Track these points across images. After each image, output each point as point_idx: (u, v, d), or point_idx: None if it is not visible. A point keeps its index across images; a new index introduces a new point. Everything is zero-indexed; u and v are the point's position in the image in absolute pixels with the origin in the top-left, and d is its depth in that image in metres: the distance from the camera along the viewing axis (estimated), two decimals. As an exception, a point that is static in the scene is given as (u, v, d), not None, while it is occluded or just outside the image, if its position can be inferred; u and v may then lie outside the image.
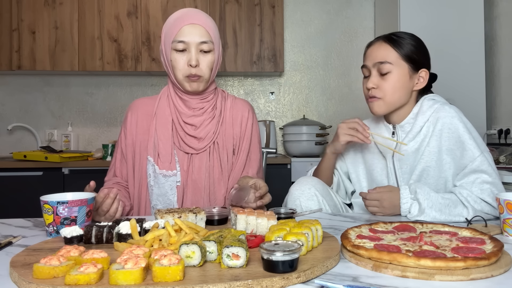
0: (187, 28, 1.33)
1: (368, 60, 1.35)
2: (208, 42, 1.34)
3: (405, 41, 1.33)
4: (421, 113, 1.33)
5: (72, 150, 3.25)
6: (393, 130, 1.38)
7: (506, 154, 2.19)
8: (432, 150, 1.30)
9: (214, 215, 1.12)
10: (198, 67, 1.34)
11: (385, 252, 0.77)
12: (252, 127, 1.49)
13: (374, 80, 1.32)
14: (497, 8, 3.04)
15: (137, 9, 3.14)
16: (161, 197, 1.39)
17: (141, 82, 3.49)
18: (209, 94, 1.43)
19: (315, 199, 1.29)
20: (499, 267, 0.75)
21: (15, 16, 3.06)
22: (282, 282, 0.69)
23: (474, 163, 1.24)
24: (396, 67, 1.30)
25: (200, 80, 1.35)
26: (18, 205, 2.73)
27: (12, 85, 3.41)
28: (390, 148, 1.34)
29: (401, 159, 1.34)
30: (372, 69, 1.33)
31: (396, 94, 1.31)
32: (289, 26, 3.53)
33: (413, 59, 1.32)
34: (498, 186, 1.22)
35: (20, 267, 0.75)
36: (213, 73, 1.40)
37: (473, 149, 1.25)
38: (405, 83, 1.32)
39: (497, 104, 3.03)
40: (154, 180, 1.39)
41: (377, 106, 1.33)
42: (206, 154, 1.41)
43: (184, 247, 0.75)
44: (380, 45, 1.34)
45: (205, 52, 1.35)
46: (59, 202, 1.01)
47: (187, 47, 1.34)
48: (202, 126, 1.41)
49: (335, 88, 3.57)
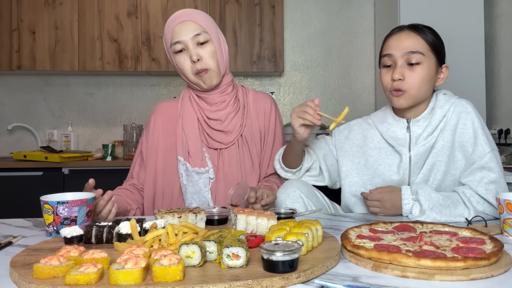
0: (178, 27, 1.35)
1: (395, 49, 1.26)
2: (201, 33, 1.34)
3: (429, 31, 1.28)
4: (438, 107, 1.29)
5: (72, 150, 3.25)
6: (408, 124, 1.31)
7: (506, 154, 2.19)
8: (445, 144, 1.27)
9: (214, 215, 1.12)
10: (201, 61, 1.35)
11: (385, 252, 0.77)
12: (275, 120, 1.52)
13: (401, 70, 1.24)
14: (497, 8, 3.04)
15: (137, 9, 3.14)
16: (195, 194, 1.40)
17: (141, 82, 3.49)
18: (227, 87, 1.44)
19: (300, 201, 1.28)
20: (499, 267, 0.75)
21: (15, 16, 3.06)
22: (282, 282, 0.69)
23: (484, 159, 1.22)
24: (426, 58, 1.24)
25: (209, 73, 1.36)
26: (18, 205, 2.73)
27: (12, 85, 3.41)
28: (334, 119, 1.25)
29: (418, 153, 1.28)
30: (399, 59, 1.25)
31: (423, 88, 1.25)
32: (289, 26, 3.53)
33: (439, 52, 1.28)
34: (503, 185, 1.21)
35: (20, 267, 0.75)
36: (221, 63, 1.39)
37: (484, 145, 1.23)
38: (432, 76, 1.27)
39: (497, 104, 3.03)
40: (187, 179, 1.40)
41: (403, 100, 1.25)
42: (235, 148, 1.43)
43: (184, 247, 0.75)
44: (409, 34, 1.26)
45: (202, 44, 1.35)
46: (59, 202, 1.01)
47: (184, 46, 1.35)
48: (228, 119, 1.42)
49: (335, 88, 3.57)
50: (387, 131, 1.34)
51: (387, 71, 1.28)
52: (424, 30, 1.27)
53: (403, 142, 1.31)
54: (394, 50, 1.26)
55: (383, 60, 1.30)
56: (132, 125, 3.12)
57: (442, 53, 1.29)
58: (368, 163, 1.36)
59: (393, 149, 1.33)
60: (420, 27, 1.28)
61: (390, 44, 1.29)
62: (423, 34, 1.26)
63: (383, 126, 1.36)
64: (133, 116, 3.49)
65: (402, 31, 1.28)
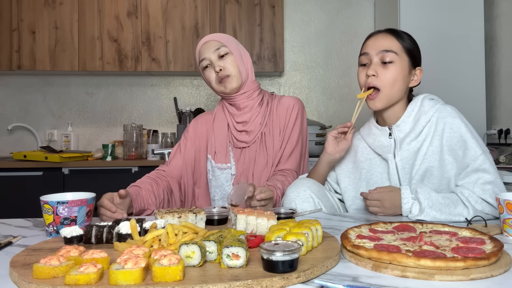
0: (203, 48, 1.55)
1: (371, 48, 1.33)
2: (221, 47, 1.52)
3: (405, 36, 1.35)
4: (423, 113, 1.32)
5: (72, 150, 3.25)
6: (390, 131, 1.36)
7: (506, 154, 2.19)
8: (435, 150, 1.29)
9: (214, 215, 1.12)
10: (223, 70, 1.52)
11: (385, 252, 0.77)
12: (296, 119, 1.58)
13: (375, 67, 1.31)
14: (497, 8, 3.04)
15: (137, 9, 3.14)
16: (218, 188, 1.58)
17: (141, 82, 3.49)
18: (253, 92, 1.58)
19: (310, 201, 1.29)
20: (499, 267, 0.75)
21: (15, 16, 3.06)
22: (282, 282, 0.69)
23: (477, 161, 1.24)
24: (399, 58, 1.30)
25: (229, 78, 1.52)
26: (18, 205, 2.73)
27: (12, 85, 3.41)
28: (363, 96, 1.33)
29: (403, 158, 1.32)
30: (374, 57, 1.31)
31: (395, 86, 1.30)
32: (289, 26, 3.53)
33: (413, 55, 1.34)
34: (500, 185, 1.22)
35: (20, 267, 0.75)
36: (243, 70, 1.54)
37: (475, 147, 1.25)
38: (404, 76, 1.32)
39: (497, 104, 3.03)
40: (212, 174, 1.59)
41: (378, 102, 1.31)
42: (255, 146, 1.56)
43: (184, 247, 0.75)
44: (385, 36, 1.34)
45: (222, 56, 1.52)
46: (59, 202, 1.01)
47: (209, 62, 1.53)
48: (251, 120, 1.57)
49: (335, 88, 3.57)
50: (374, 141, 1.39)
51: (363, 70, 1.35)
52: (401, 34, 1.35)
53: (388, 149, 1.35)
54: (370, 49, 1.33)
55: (360, 59, 1.37)
56: (132, 125, 3.12)
57: (416, 56, 1.35)
58: (362, 175, 1.40)
59: (380, 157, 1.37)
60: (398, 31, 1.35)
61: (367, 44, 1.36)
62: (399, 37, 1.33)
63: (369, 138, 1.41)
64: (133, 116, 3.49)
65: (380, 33, 1.36)
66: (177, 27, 3.16)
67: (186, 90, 3.52)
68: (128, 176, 2.80)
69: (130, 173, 2.88)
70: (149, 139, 3.19)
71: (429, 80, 2.87)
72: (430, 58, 2.89)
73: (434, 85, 2.87)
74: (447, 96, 3.05)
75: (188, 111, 3.26)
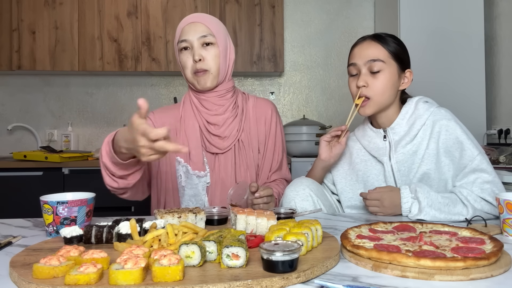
0: (187, 27, 1.39)
1: (358, 58, 1.33)
2: (208, 35, 1.37)
3: (391, 40, 1.34)
4: (418, 116, 1.33)
5: (72, 150, 3.26)
6: (384, 133, 1.36)
7: (506, 154, 2.19)
8: (431, 152, 1.29)
9: (214, 215, 1.12)
10: (202, 61, 1.37)
11: (385, 252, 0.77)
12: (276, 126, 1.53)
13: (365, 78, 1.31)
14: (497, 8, 3.04)
15: (137, 9, 3.14)
16: (194, 197, 1.41)
17: (141, 82, 3.49)
18: (227, 92, 1.44)
19: (310, 200, 1.29)
20: (499, 267, 0.75)
21: (15, 16, 3.06)
22: (282, 282, 0.69)
23: (474, 162, 1.25)
24: (387, 66, 1.30)
25: (206, 74, 1.38)
26: (18, 205, 2.73)
27: (12, 85, 3.41)
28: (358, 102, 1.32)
29: (399, 161, 1.32)
30: (362, 68, 1.31)
31: (386, 93, 1.31)
32: (289, 26, 3.53)
33: (401, 59, 1.33)
34: (498, 185, 1.23)
35: (20, 267, 0.75)
36: (222, 68, 1.40)
37: (471, 148, 1.26)
38: (394, 82, 1.32)
39: (497, 104, 3.03)
40: (186, 181, 1.40)
41: (368, 108, 1.32)
42: (231, 153, 1.43)
43: (183, 247, 0.75)
44: (370, 44, 1.32)
45: (207, 45, 1.38)
46: (59, 202, 1.01)
47: (189, 45, 1.38)
48: (225, 124, 1.42)
49: (335, 88, 3.57)
50: (369, 144, 1.39)
51: (353, 80, 1.35)
52: (386, 39, 1.33)
53: (383, 152, 1.35)
54: (358, 59, 1.33)
55: (349, 69, 1.37)
56: (132, 125, 3.11)
57: (404, 59, 1.35)
58: (359, 177, 1.40)
59: (375, 159, 1.38)
60: (383, 36, 1.34)
61: (354, 53, 1.35)
62: (384, 43, 1.32)
63: (364, 139, 1.41)
64: (133, 116, 3.48)
65: (365, 41, 1.34)
66: (177, 27, 3.16)
67: (186, 90, 3.51)
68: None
69: (130, 173, 2.87)
70: (149, 139, 3.18)
71: (429, 80, 2.87)
72: (430, 58, 2.89)
73: (434, 85, 2.87)
74: (447, 96, 3.05)
75: (188, 111, 3.26)
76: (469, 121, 2.96)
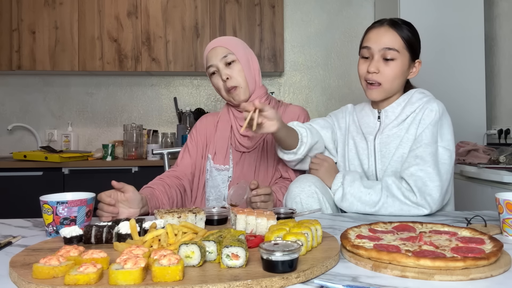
0: (210, 54, 1.55)
1: (374, 42, 1.35)
2: (228, 55, 1.52)
3: (407, 29, 1.36)
4: (409, 104, 1.37)
5: (72, 150, 3.26)
6: (379, 114, 1.41)
7: (506, 154, 2.19)
8: (410, 137, 1.34)
9: (214, 215, 1.12)
10: (230, 79, 1.52)
11: (384, 252, 0.77)
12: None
13: (377, 64, 1.34)
14: (497, 8, 3.04)
15: (137, 9, 3.14)
16: (213, 188, 1.56)
17: (141, 82, 3.49)
18: (261, 98, 1.57)
19: (315, 197, 1.29)
20: (499, 267, 0.75)
21: (15, 16, 3.06)
22: (281, 282, 0.69)
23: (419, 149, 1.28)
24: (400, 55, 1.33)
25: (237, 90, 1.52)
26: (18, 205, 2.73)
27: (12, 85, 3.41)
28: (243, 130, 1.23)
29: (382, 142, 1.37)
30: (376, 53, 1.34)
31: (395, 82, 1.35)
32: (289, 26, 3.53)
33: (414, 49, 1.36)
34: (431, 176, 1.24)
35: (19, 267, 0.75)
36: (249, 79, 1.54)
37: (424, 137, 1.29)
38: (404, 72, 1.36)
39: (497, 104, 3.03)
40: (210, 174, 1.58)
41: (376, 93, 1.36)
42: (256, 152, 1.56)
43: (183, 247, 0.75)
44: (387, 30, 1.35)
45: (229, 64, 1.52)
46: (59, 202, 1.01)
47: (216, 69, 1.53)
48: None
49: (335, 88, 3.57)
50: (361, 119, 1.45)
51: (364, 62, 1.38)
52: (403, 27, 1.35)
53: (372, 130, 1.40)
54: (373, 43, 1.35)
55: (362, 51, 1.39)
56: (132, 125, 3.12)
57: (416, 49, 1.38)
58: (355, 145, 1.45)
59: (363, 135, 1.43)
60: (400, 24, 1.36)
61: (369, 37, 1.37)
62: (401, 31, 1.34)
63: (360, 114, 1.46)
64: (133, 116, 3.49)
65: (382, 26, 1.36)
66: (177, 27, 3.16)
67: (186, 90, 3.52)
68: (128, 176, 2.80)
69: (130, 173, 2.88)
70: (149, 139, 3.19)
71: (429, 80, 2.87)
72: (430, 58, 2.89)
73: (434, 85, 2.87)
74: (447, 96, 3.05)
75: (188, 111, 3.26)
76: (469, 121, 2.97)
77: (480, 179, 2.08)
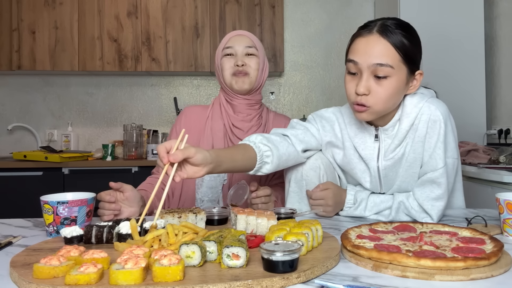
0: (234, 38, 1.53)
1: (361, 56, 1.09)
2: (252, 47, 1.52)
3: (402, 34, 1.09)
4: (405, 116, 1.16)
5: (72, 150, 3.25)
6: (376, 133, 1.21)
7: (506, 154, 2.19)
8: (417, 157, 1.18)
9: (214, 215, 1.12)
10: (245, 66, 1.49)
11: (385, 252, 0.77)
12: None
13: (366, 84, 1.08)
14: (497, 8, 3.04)
15: (137, 9, 3.14)
16: (210, 189, 1.50)
17: (141, 82, 3.49)
18: (256, 103, 1.56)
19: (317, 171, 1.28)
20: (499, 267, 0.75)
21: (15, 16, 3.06)
22: (282, 282, 0.69)
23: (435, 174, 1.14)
24: (396, 71, 1.08)
25: (246, 77, 1.49)
26: (18, 205, 2.73)
27: (12, 85, 3.41)
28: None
29: (387, 167, 1.21)
30: (365, 70, 1.08)
31: (389, 103, 1.11)
32: (289, 26, 3.53)
33: (413, 60, 1.11)
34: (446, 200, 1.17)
35: (20, 267, 0.75)
36: (259, 78, 1.53)
37: (438, 159, 1.13)
38: (401, 89, 1.11)
39: (497, 104, 3.03)
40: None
41: (366, 115, 1.13)
42: None
43: (184, 247, 0.75)
44: (378, 40, 1.08)
45: (250, 55, 1.51)
46: (59, 202, 1.01)
47: (234, 52, 1.51)
48: (250, 131, 1.53)
49: (335, 88, 3.57)
50: (355, 137, 1.25)
51: (351, 79, 1.12)
52: (396, 34, 1.08)
53: (372, 153, 1.22)
54: (361, 57, 1.09)
55: (348, 65, 1.13)
56: (132, 125, 3.12)
57: (416, 59, 1.13)
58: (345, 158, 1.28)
59: (361, 159, 1.25)
60: (392, 28, 1.09)
61: (356, 49, 1.11)
62: (395, 40, 1.08)
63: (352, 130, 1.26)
64: (133, 116, 3.49)
65: (371, 35, 1.09)
66: (177, 27, 3.16)
67: (186, 90, 3.52)
68: (128, 176, 2.80)
69: (130, 173, 2.88)
70: (149, 139, 3.19)
71: (429, 80, 2.87)
72: (430, 58, 2.89)
73: (434, 85, 2.86)
74: (447, 96, 3.05)
75: (188, 111, 3.26)
76: (469, 121, 2.97)
77: (480, 179, 2.08)
